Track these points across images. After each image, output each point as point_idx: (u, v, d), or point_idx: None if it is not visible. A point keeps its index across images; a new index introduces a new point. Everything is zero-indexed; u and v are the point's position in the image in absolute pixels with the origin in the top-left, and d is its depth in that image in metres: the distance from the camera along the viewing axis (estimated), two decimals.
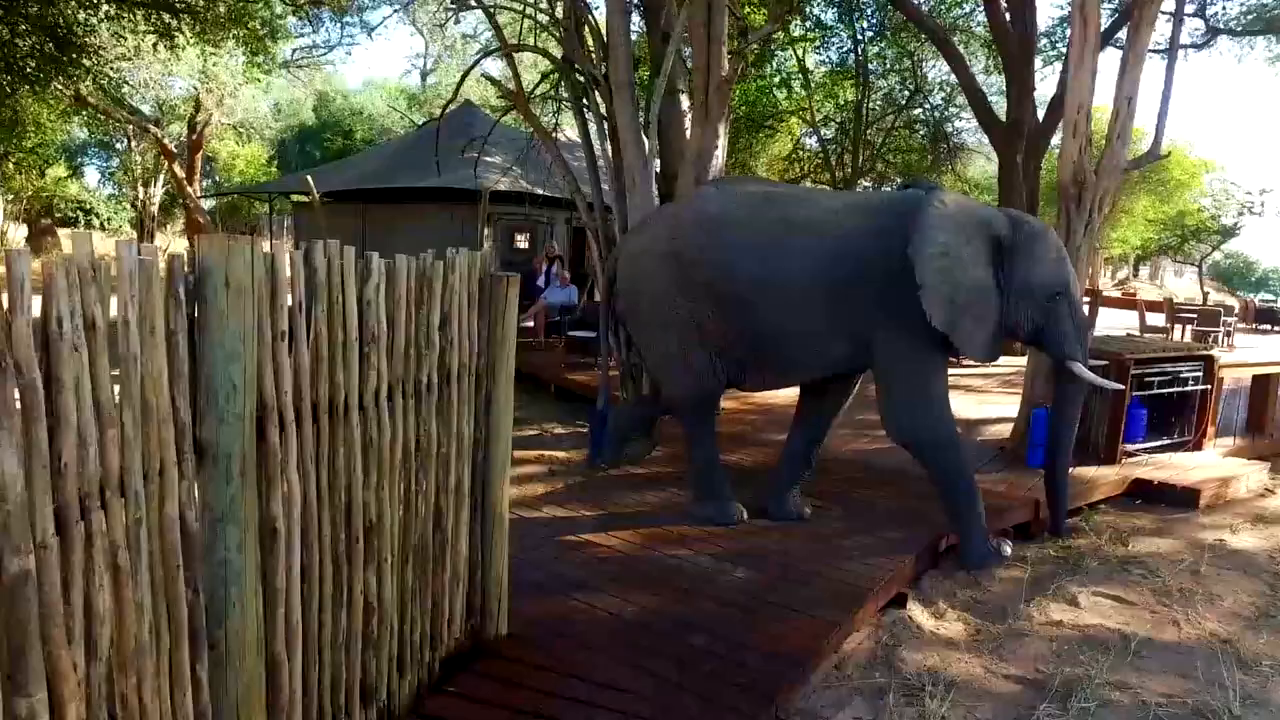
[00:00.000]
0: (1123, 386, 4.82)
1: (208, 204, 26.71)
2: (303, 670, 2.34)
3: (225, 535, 1.97)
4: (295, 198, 16.73)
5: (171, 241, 27.57)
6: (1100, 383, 5.07)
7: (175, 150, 22.73)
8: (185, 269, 1.88)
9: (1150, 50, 8.01)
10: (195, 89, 20.07)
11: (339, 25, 19.31)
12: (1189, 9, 13.26)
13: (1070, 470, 6.08)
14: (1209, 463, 6.79)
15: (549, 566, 4.24)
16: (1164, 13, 8.83)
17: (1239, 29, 13.75)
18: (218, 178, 31.10)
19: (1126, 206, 27.98)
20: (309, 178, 12.85)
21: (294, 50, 23.14)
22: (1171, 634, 4.18)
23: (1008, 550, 5.01)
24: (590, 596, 3.92)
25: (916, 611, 4.32)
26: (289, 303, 2.23)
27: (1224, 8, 13.47)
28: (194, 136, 22.99)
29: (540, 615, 3.69)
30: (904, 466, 6.16)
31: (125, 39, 13.28)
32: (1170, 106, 7.02)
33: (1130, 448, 6.62)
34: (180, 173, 22.22)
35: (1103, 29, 11.20)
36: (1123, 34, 9.57)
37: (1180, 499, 6.11)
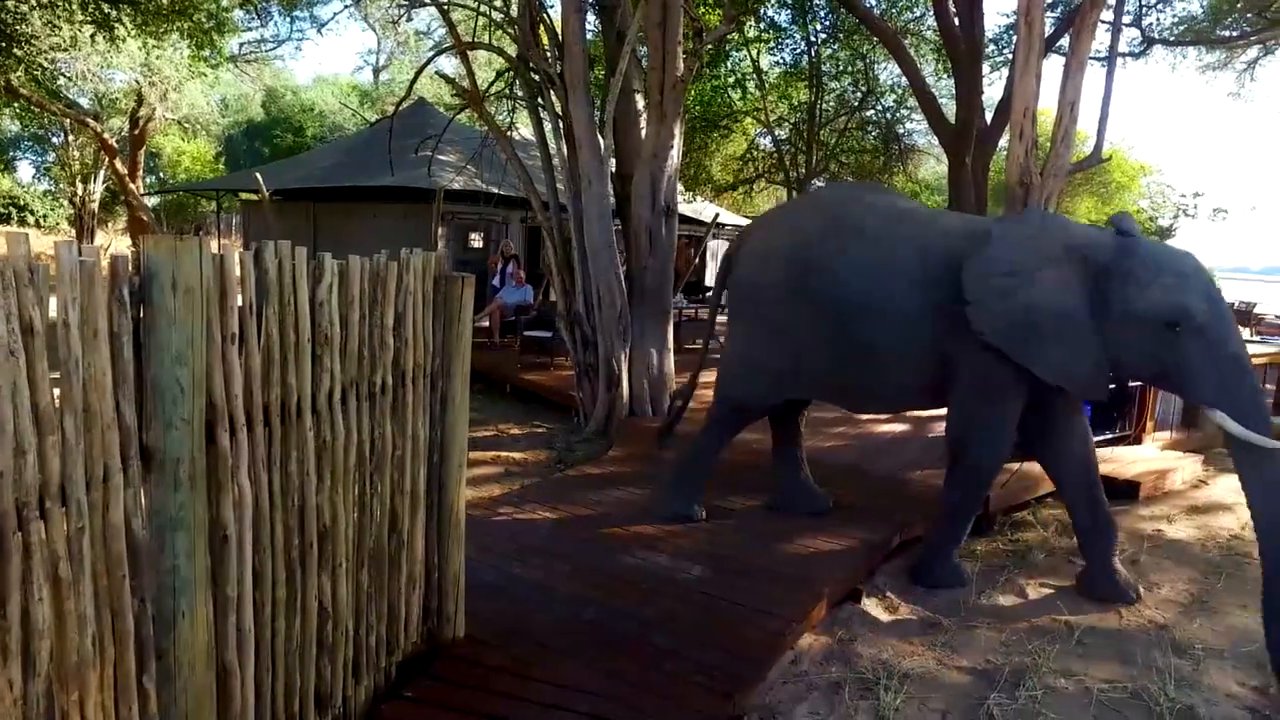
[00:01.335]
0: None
1: (151, 201, 25.93)
2: (255, 678, 2.29)
3: (174, 543, 1.92)
4: (244, 196, 16.34)
5: (113, 240, 26.71)
6: (1254, 439, 3.81)
7: (116, 145, 22.02)
8: (130, 270, 1.83)
9: (1091, 58, 8.24)
10: (137, 82, 19.44)
11: (288, 20, 18.93)
12: (1126, 19, 13.70)
13: (1019, 466, 6.26)
14: (1148, 456, 7.02)
15: (506, 568, 4.22)
16: (1103, 22, 9.12)
17: (1172, 39, 14.23)
18: (162, 174, 30.26)
19: (1070, 208, 28.71)
20: (258, 175, 12.55)
21: (241, 44, 22.64)
22: (1114, 622, 4.32)
23: (964, 581, 4.71)
24: (548, 597, 3.90)
25: (871, 606, 4.39)
26: (239, 304, 2.18)
27: (1158, 19, 13.94)
28: (136, 131, 22.28)
29: (498, 617, 3.67)
30: (858, 463, 6.27)
31: (60, 28, 12.82)
32: (1110, 111, 7.24)
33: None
34: (122, 169, 21.51)
35: (1046, 36, 11.52)
36: (1065, 41, 9.83)
37: (1121, 491, 6.29)
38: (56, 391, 1.65)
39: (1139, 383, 7.10)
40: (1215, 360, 3.98)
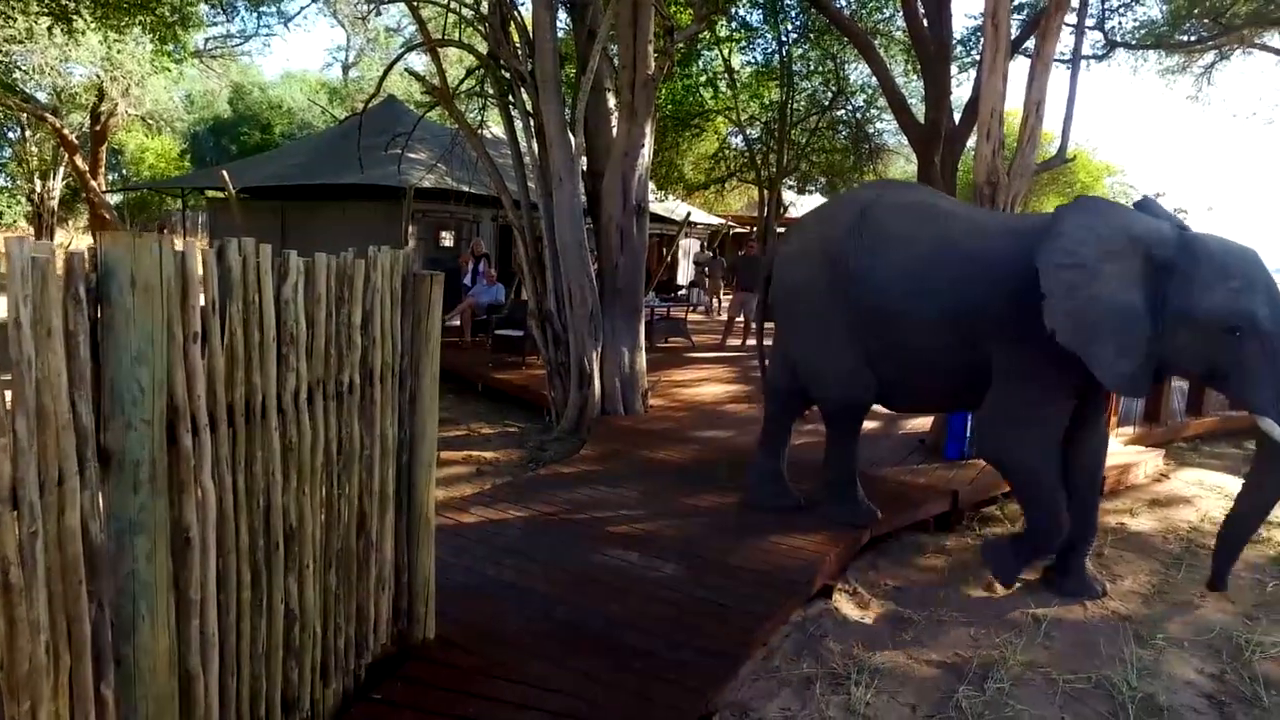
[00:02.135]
0: None
1: (114, 199, 25.41)
2: (220, 683, 2.25)
3: (133, 546, 1.88)
4: (210, 194, 16.08)
5: (74, 238, 26.17)
6: None
7: (76, 141, 21.54)
8: (86, 267, 1.79)
9: (1056, 60, 8.37)
10: (98, 76, 19.01)
11: (255, 15, 18.60)
12: (1089, 22, 13.93)
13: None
14: (1111, 450, 7.13)
15: (478, 568, 4.19)
16: (1067, 25, 9.26)
17: (1133, 43, 14.49)
18: (125, 171, 29.67)
19: (1037, 207, 29.17)
20: (224, 173, 12.36)
21: (207, 40, 22.25)
22: (1079, 614, 4.39)
23: (1016, 582, 4.60)
24: (520, 597, 3.88)
25: (843, 602, 4.42)
26: (201, 302, 2.14)
27: (1120, 23, 14.17)
28: (97, 127, 21.83)
29: (469, 617, 3.64)
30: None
31: (15, 20, 12.51)
32: (1075, 112, 7.36)
33: None
34: (83, 165, 21.05)
35: (1013, 38, 11.66)
36: (1032, 43, 9.96)
37: None
38: (8, 393, 1.61)
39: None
40: (1273, 367, 3.87)
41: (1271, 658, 3.88)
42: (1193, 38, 14.31)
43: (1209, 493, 6.66)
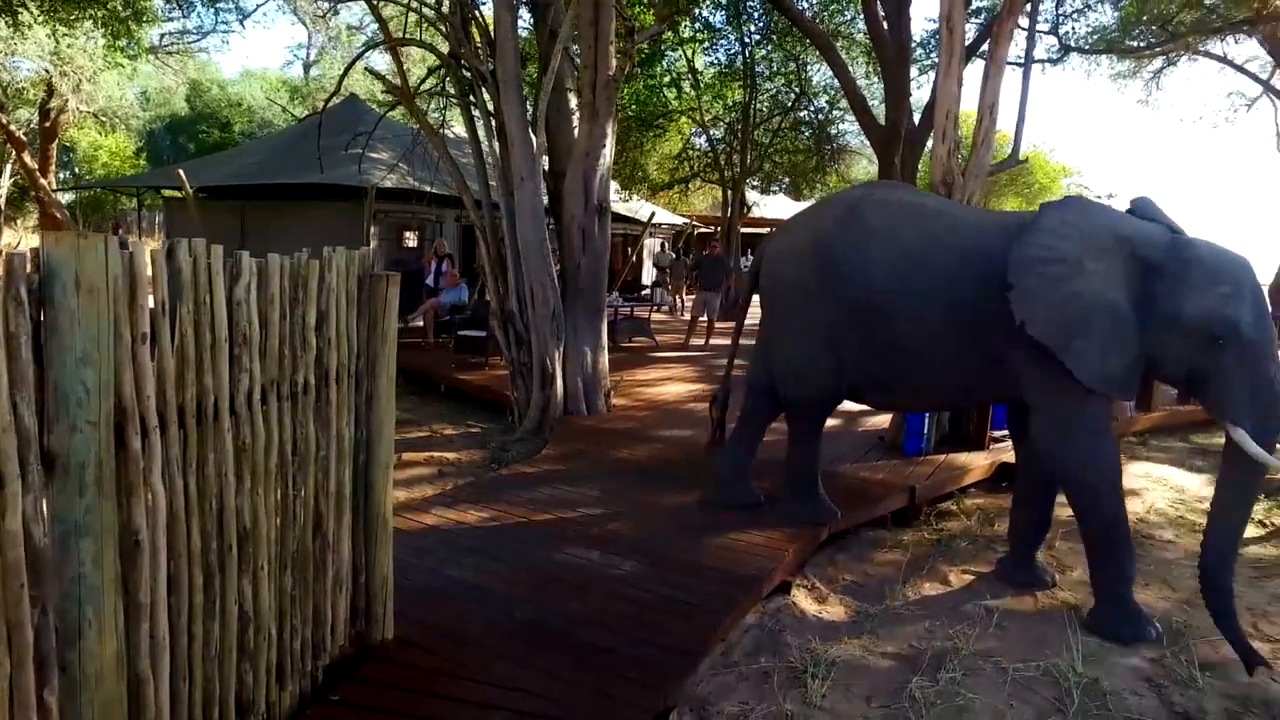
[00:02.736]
0: None
1: (66, 198, 24.79)
2: (171, 687, 2.23)
3: (79, 550, 1.86)
4: (167, 193, 15.76)
5: (23, 238, 25.47)
6: (1270, 461, 3.80)
7: (25, 138, 20.97)
8: (28, 268, 1.77)
9: (1012, 64, 8.55)
10: (46, 71, 18.54)
11: (212, 11, 18.27)
12: (1044, 27, 14.25)
13: (943, 458, 6.47)
14: None
15: (439, 568, 4.19)
16: (1022, 29, 9.46)
17: (1086, 48, 14.86)
18: (77, 170, 28.97)
19: (996, 206, 29.77)
20: (181, 172, 12.12)
21: (162, 35, 21.78)
22: (1029, 604, 4.51)
23: (1154, 634, 4.06)
24: (481, 597, 3.89)
25: (801, 597, 4.49)
26: (151, 303, 2.13)
27: (1073, 28, 14.54)
28: (46, 124, 21.28)
29: (430, 618, 3.64)
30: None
31: None
32: (1032, 115, 7.56)
33: (997, 434, 7.04)
34: (31, 163, 20.50)
35: (969, 42, 11.87)
36: (987, 47, 10.16)
37: None
38: None
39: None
40: (1250, 379, 3.81)
41: (1207, 641, 4.02)
42: (1142, 44, 14.71)
43: (1156, 485, 6.86)
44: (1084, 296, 3.99)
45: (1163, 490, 6.66)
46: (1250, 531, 5.69)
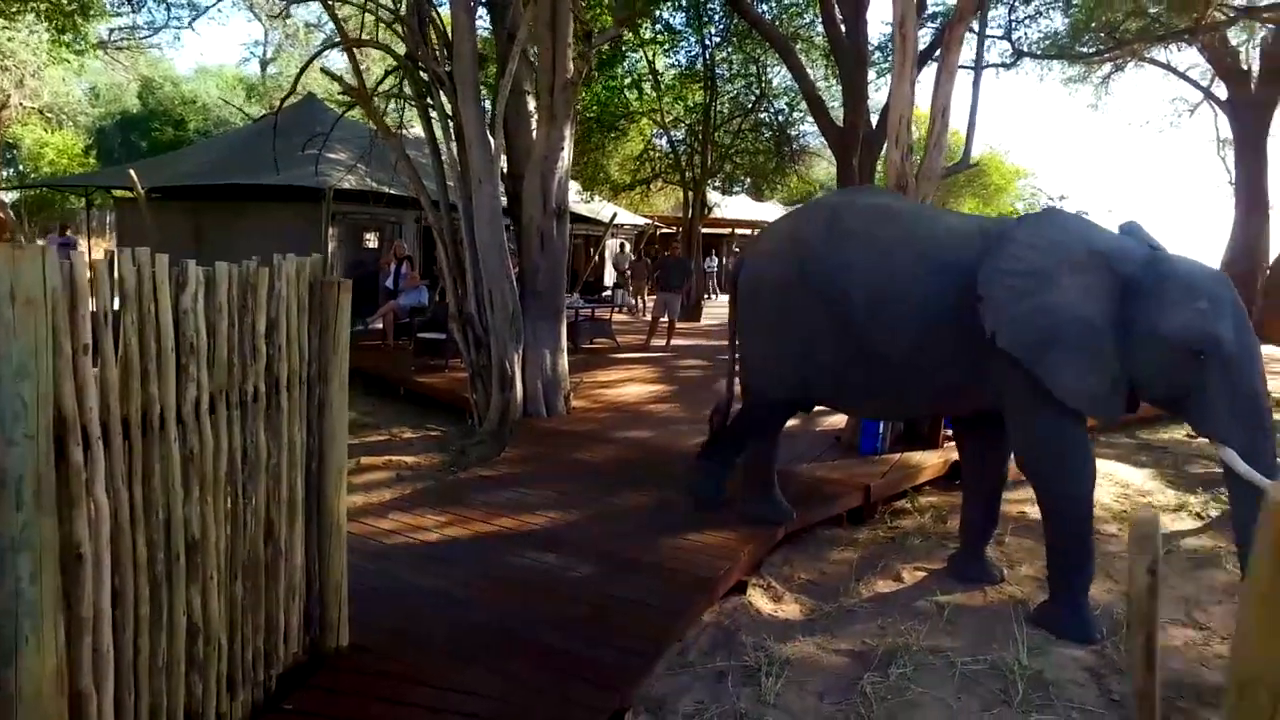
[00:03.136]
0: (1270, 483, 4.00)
1: (10, 197, 24.06)
2: (116, 700, 2.21)
3: (15, 565, 1.84)
4: (118, 193, 15.40)
5: None
6: (1262, 482, 3.66)
7: None
8: None
9: (965, 68, 8.73)
10: None
11: (164, 6, 17.88)
12: (998, 32, 14.57)
13: (897, 456, 6.59)
14: None
15: (395, 574, 4.17)
16: (973, 33, 9.66)
17: (1038, 53, 15.22)
18: (22, 168, 28.13)
19: (954, 207, 30.31)
20: (132, 173, 11.84)
21: (111, 30, 21.24)
22: (979, 600, 4.62)
23: (1099, 636, 4.11)
24: (437, 601, 3.89)
25: (756, 596, 4.55)
26: (95, 313, 2.11)
27: (1026, 34, 14.90)
28: None
29: (386, 623, 3.63)
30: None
31: None
32: (982, 119, 7.71)
33: (950, 432, 7.19)
34: None
35: (924, 47, 12.08)
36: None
37: None
38: None
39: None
40: (1233, 395, 3.77)
41: None
42: (1091, 50, 15.09)
43: (1103, 480, 7.03)
44: (1055, 310, 3.96)
45: (1109, 485, 6.85)
46: (1186, 524, 5.90)
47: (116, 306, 2.19)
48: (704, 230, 19.13)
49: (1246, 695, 0.87)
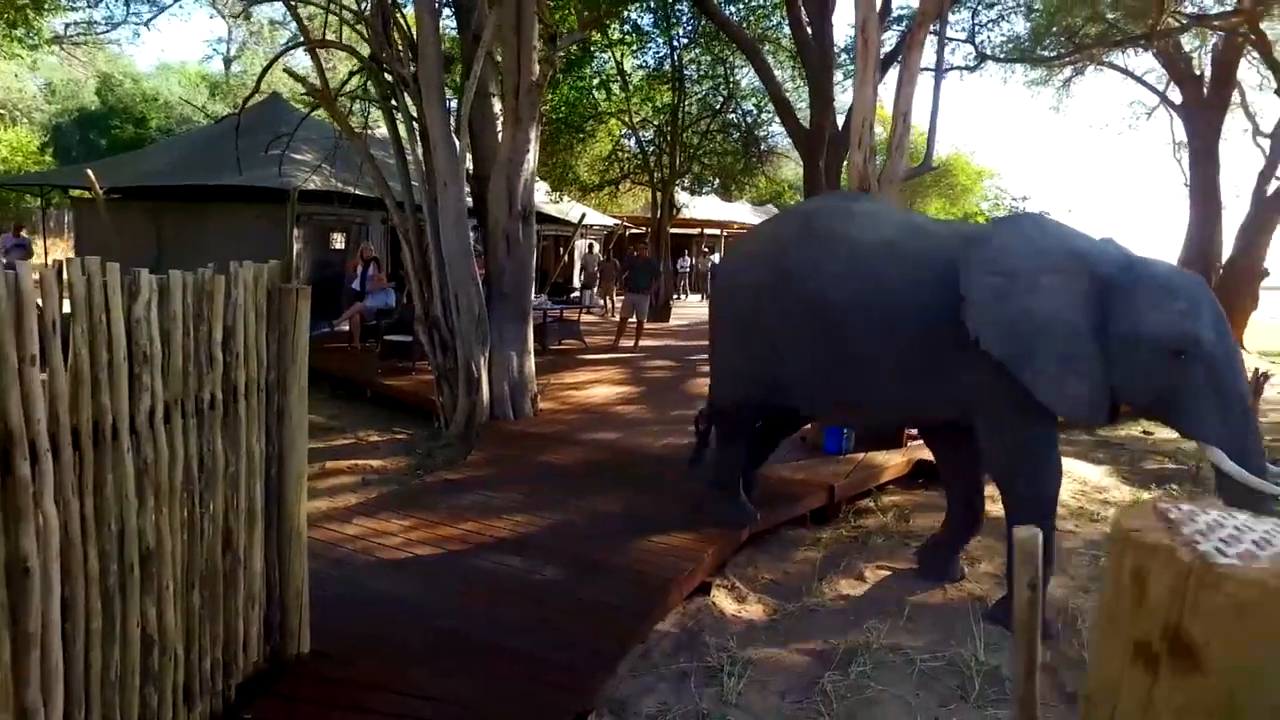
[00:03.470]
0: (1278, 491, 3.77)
1: None
2: (66, 715, 2.19)
3: None
4: (76, 192, 15.08)
5: None
6: (1248, 478, 3.72)
7: None
8: None
9: (929, 70, 8.86)
10: None
11: (122, 1, 17.51)
12: (961, 36, 14.79)
13: (861, 456, 6.67)
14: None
15: (359, 579, 4.16)
16: (935, 35, 9.79)
17: (1001, 56, 15.48)
18: None
19: (921, 207, 30.69)
20: (89, 172, 11.61)
21: (67, 25, 20.76)
22: (939, 597, 4.70)
23: (1054, 633, 4.17)
24: (400, 606, 3.88)
25: (720, 597, 4.59)
26: (43, 322, 2.08)
27: (989, 37, 15.14)
28: None
29: (348, 630, 3.62)
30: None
31: None
32: (947, 121, 7.87)
33: (913, 431, 7.30)
34: None
35: (890, 50, 12.23)
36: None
37: None
38: None
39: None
40: (1218, 395, 3.76)
41: None
42: (1052, 54, 15.36)
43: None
44: (1038, 313, 3.94)
45: (1067, 482, 6.96)
46: None
47: (67, 311, 2.17)
48: (673, 230, 19.18)
49: (1093, 705, 0.94)
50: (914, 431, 7.28)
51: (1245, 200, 14.16)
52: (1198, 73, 14.94)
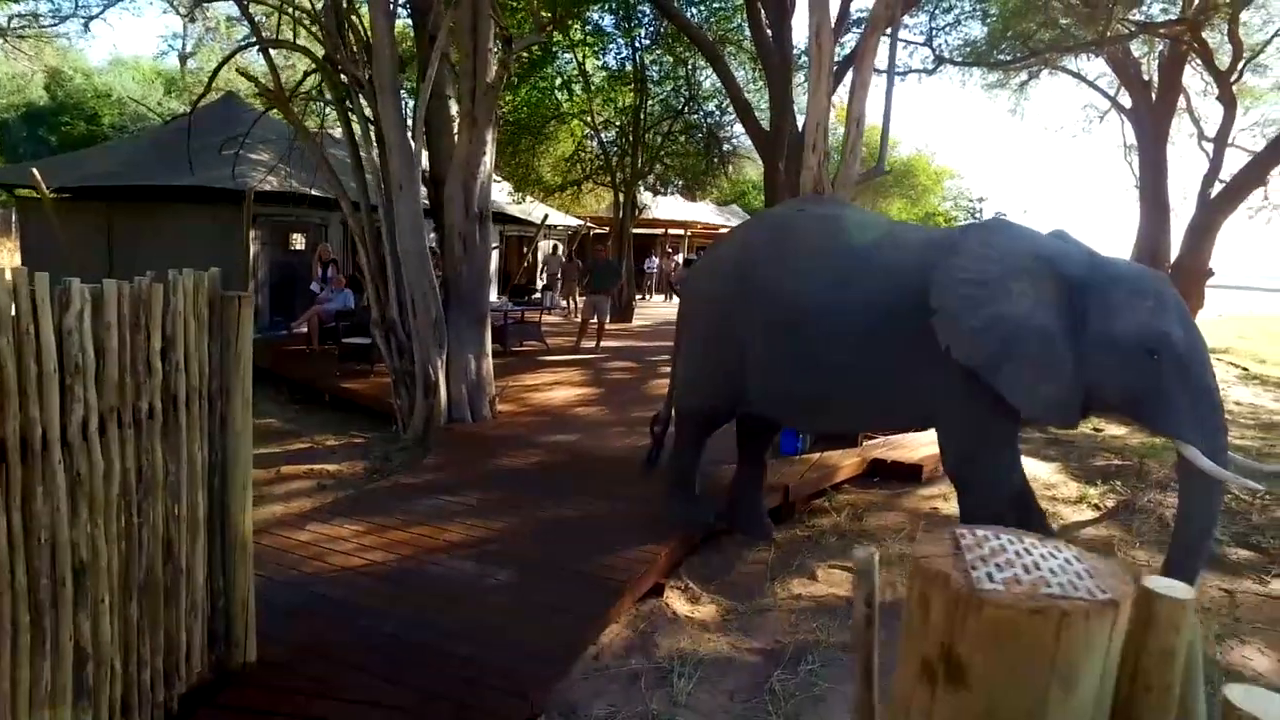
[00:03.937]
0: (1260, 488, 3.84)
1: None
2: None
3: None
4: (21, 191, 14.68)
5: None
6: (1223, 475, 3.79)
7: None
8: None
9: (880, 72, 8.99)
10: None
11: None
12: (919, 39, 15.02)
13: (817, 456, 6.76)
14: (931, 441, 7.75)
15: (308, 586, 4.13)
16: (889, 37, 9.93)
17: (959, 60, 15.74)
18: None
19: (883, 208, 31.08)
20: (35, 171, 11.31)
21: (10, 17, 20.20)
22: (889, 595, 4.78)
23: None
24: (349, 613, 3.86)
25: (673, 598, 4.63)
26: None
27: (946, 41, 15.39)
28: None
29: (296, 637, 3.60)
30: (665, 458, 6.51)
31: None
32: (894, 125, 7.95)
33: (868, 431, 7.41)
34: None
35: (848, 54, 12.36)
36: None
37: (907, 474, 6.93)
38: None
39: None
40: (1190, 392, 3.76)
41: None
42: (1007, 58, 15.65)
43: None
44: (1010, 319, 3.94)
45: None
46: (1085, 514, 6.21)
47: None
48: (636, 231, 19.21)
49: (892, 717, 1.04)
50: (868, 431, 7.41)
51: (1192, 202, 14.56)
52: (1146, 78, 15.32)
